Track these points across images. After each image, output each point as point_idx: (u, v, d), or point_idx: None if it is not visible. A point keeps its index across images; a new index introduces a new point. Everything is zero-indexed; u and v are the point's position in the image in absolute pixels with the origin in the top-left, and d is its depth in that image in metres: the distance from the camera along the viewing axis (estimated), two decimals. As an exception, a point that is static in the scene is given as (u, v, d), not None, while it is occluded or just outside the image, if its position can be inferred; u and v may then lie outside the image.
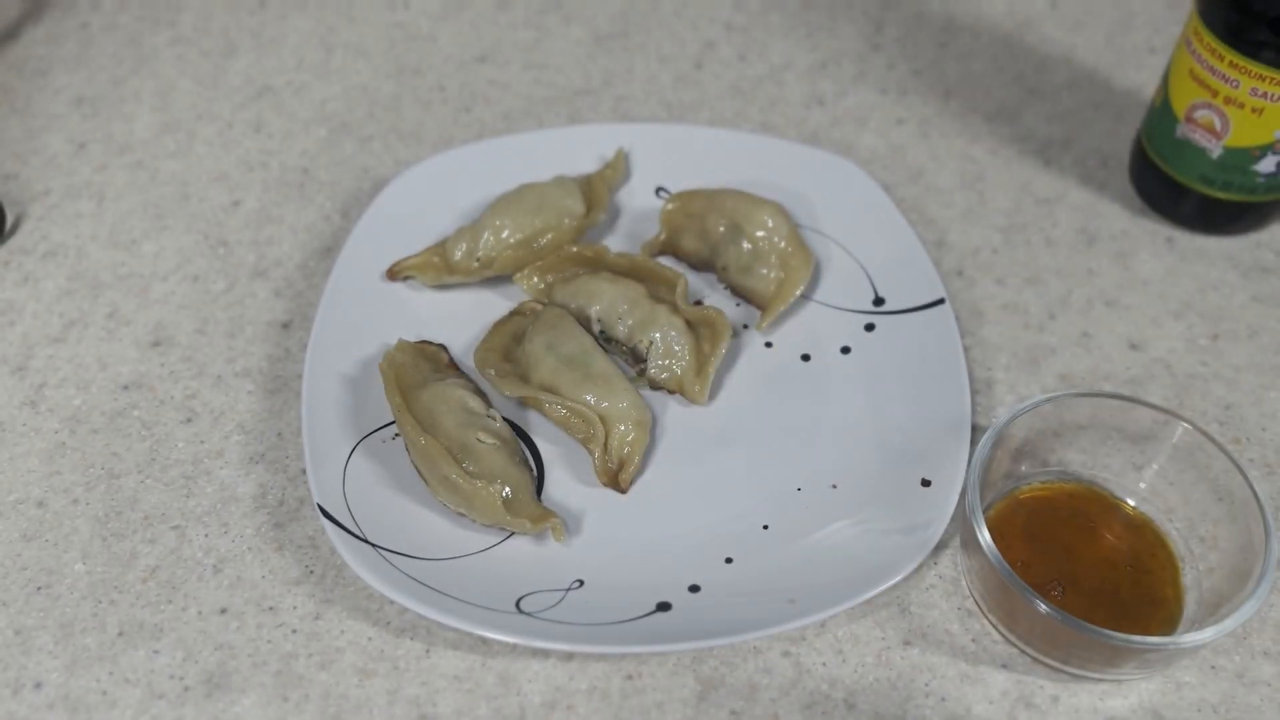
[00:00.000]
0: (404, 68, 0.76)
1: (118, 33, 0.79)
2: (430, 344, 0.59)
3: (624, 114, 0.73)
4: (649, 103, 0.73)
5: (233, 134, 0.72)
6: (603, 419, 0.55)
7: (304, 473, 0.55)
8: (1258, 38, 0.55)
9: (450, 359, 0.59)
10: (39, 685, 0.48)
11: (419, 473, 0.53)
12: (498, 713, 0.47)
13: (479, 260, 0.61)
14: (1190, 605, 0.49)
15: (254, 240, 0.66)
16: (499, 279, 0.62)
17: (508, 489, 0.51)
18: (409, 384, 0.55)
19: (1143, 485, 0.52)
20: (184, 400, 0.58)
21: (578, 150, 0.67)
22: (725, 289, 0.63)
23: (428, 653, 0.49)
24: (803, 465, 0.55)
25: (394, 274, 0.62)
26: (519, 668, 0.49)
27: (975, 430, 0.55)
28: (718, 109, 0.73)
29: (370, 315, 0.60)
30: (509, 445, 0.54)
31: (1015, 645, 0.49)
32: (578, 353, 0.56)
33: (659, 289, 0.60)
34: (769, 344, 0.60)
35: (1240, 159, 0.60)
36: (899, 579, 0.49)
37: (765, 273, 0.61)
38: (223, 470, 0.55)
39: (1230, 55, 0.57)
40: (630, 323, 0.58)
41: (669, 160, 0.67)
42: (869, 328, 0.60)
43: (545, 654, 0.49)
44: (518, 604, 0.49)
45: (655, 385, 0.58)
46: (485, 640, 0.49)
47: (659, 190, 0.67)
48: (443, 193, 0.65)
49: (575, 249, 0.62)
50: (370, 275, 0.62)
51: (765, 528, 0.52)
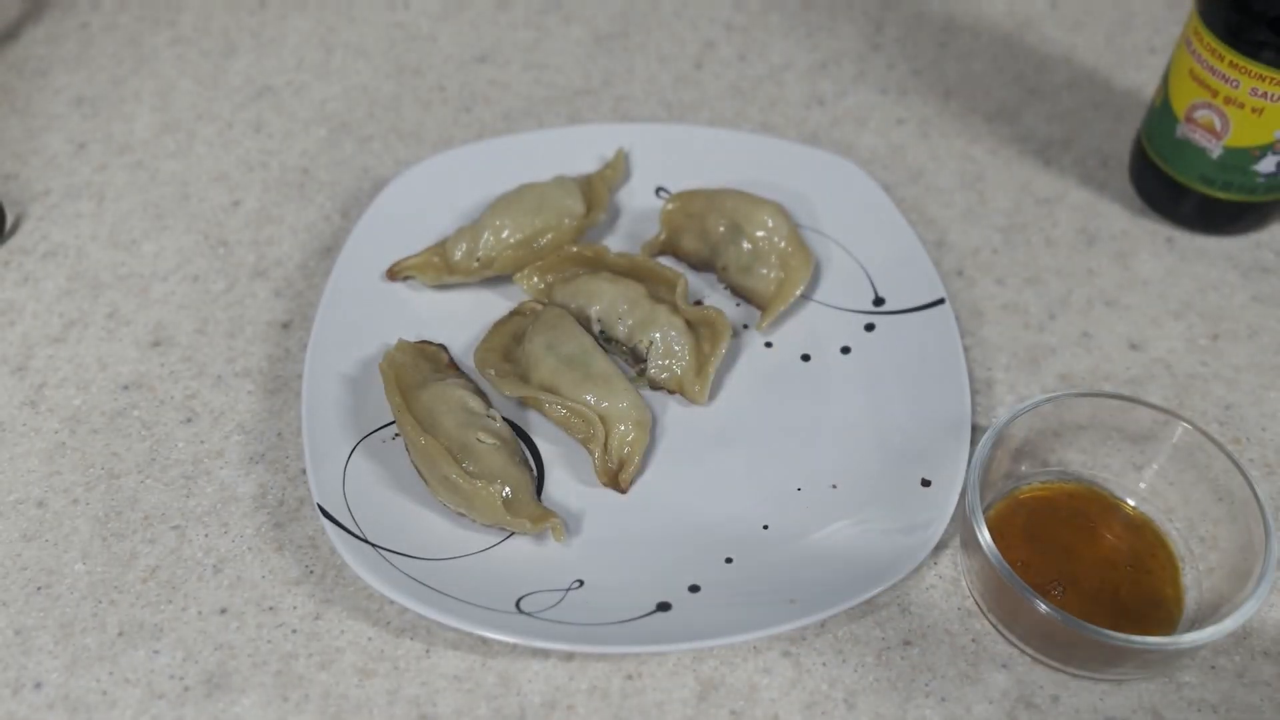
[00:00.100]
0: (404, 68, 0.76)
1: (118, 33, 0.79)
2: (430, 344, 0.59)
3: (624, 114, 0.73)
4: (649, 103, 0.73)
5: (233, 134, 0.72)
6: (603, 419, 0.55)
7: (304, 473, 0.55)
8: (1258, 38, 0.55)
9: (450, 359, 0.59)
10: (39, 685, 0.48)
11: (419, 473, 0.53)
12: (498, 713, 0.47)
13: (479, 260, 0.61)
14: (1190, 605, 0.49)
15: (254, 240, 0.66)
16: (499, 279, 0.62)
17: (508, 489, 0.51)
18: (409, 384, 0.55)
19: (1143, 485, 0.52)
20: (184, 400, 0.58)
21: (578, 150, 0.67)
22: (725, 289, 0.63)
23: (428, 653, 0.49)
24: (803, 465, 0.55)
25: (394, 274, 0.62)
26: (519, 668, 0.49)
27: (975, 430, 0.55)
28: (718, 109, 0.73)
29: (370, 315, 0.60)
30: (509, 445, 0.54)
31: (1015, 645, 0.49)
32: (578, 353, 0.56)
33: (659, 289, 0.60)
34: (769, 344, 0.60)
35: (1240, 159, 0.60)
36: (899, 579, 0.49)
37: (765, 273, 0.61)
38: (223, 470, 0.55)
39: (1230, 55, 0.57)
40: (630, 323, 0.58)
41: (669, 160, 0.67)
42: (869, 328, 0.60)
43: (545, 654, 0.49)
44: (518, 604, 0.49)
45: (655, 385, 0.58)
46: (485, 640, 0.49)
47: (659, 190, 0.67)
48: (443, 193, 0.65)
49: (575, 249, 0.62)
50: (370, 275, 0.62)
51: (765, 528, 0.52)
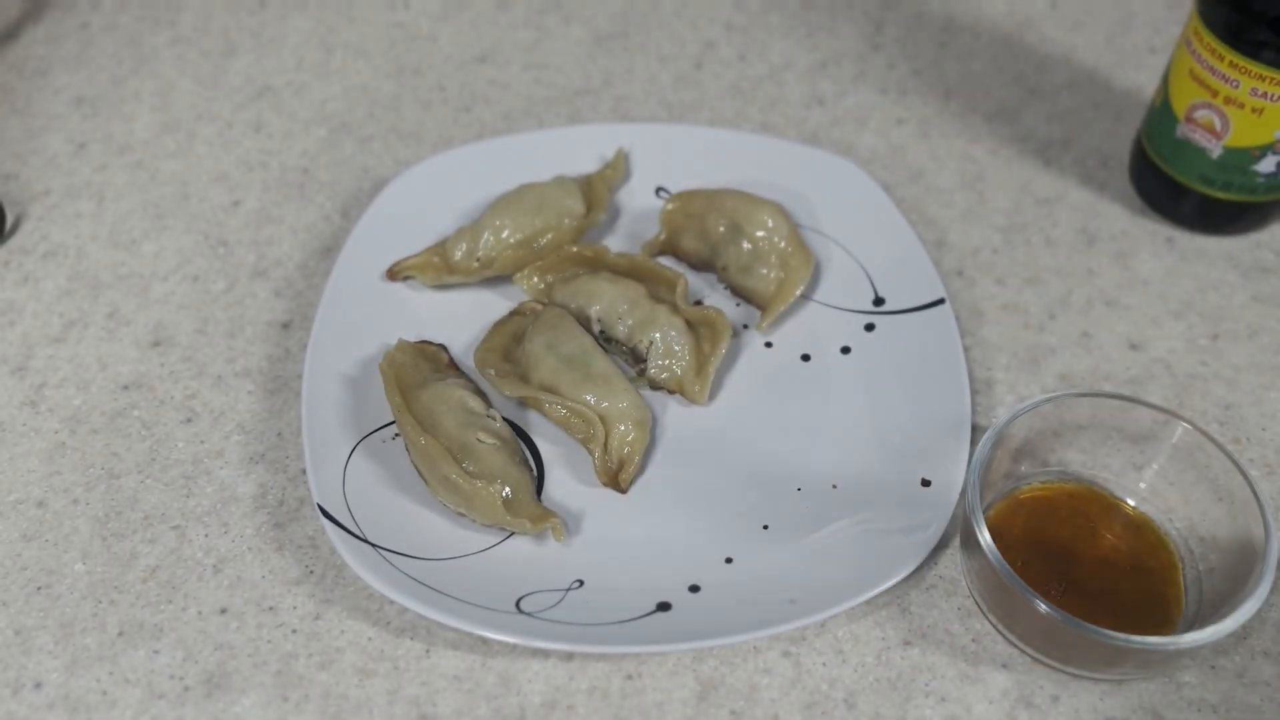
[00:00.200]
0: (404, 68, 0.76)
1: (118, 33, 0.79)
2: (430, 344, 0.59)
3: (624, 114, 0.73)
4: (649, 103, 0.73)
5: (233, 134, 0.72)
6: (603, 419, 0.55)
7: (304, 473, 0.55)
8: (1258, 38, 0.55)
9: (450, 359, 0.59)
10: (39, 685, 0.48)
11: (419, 473, 0.53)
12: (498, 713, 0.47)
13: (479, 260, 0.61)
14: (1190, 605, 0.49)
15: (254, 240, 0.66)
16: (499, 279, 0.62)
17: (508, 489, 0.51)
18: (409, 384, 0.55)
19: (1143, 485, 0.52)
20: (184, 400, 0.58)
21: (578, 150, 0.67)
22: (725, 289, 0.63)
23: (428, 653, 0.49)
24: (803, 465, 0.55)
25: (394, 274, 0.62)
26: (519, 668, 0.49)
27: (975, 430, 0.55)
28: (718, 109, 0.73)
29: (370, 315, 0.60)
30: (509, 445, 0.54)
31: (1015, 645, 0.49)
32: (578, 353, 0.56)
33: (659, 289, 0.60)
34: (769, 344, 0.60)
35: (1240, 159, 0.60)
36: (899, 579, 0.49)
37: (765, 273, 0.61)
38: (223, 470, 0.55)
39: (1230, 55, 0.57)
40: (630, 323, 0.58)
41: (669, 160, 0.67)
42: (869, 328, 0.60)
43: (545, 654, 0.49)
44: (518, 604, 0.49)
45: (655, 385, 0.58)
46: (485, 640, 0.49)
47: (659, 190, 0.67)
48: (443, 193, 0.65)
49: (575, 249, 0.61)
50: (370, 275, 0.62)
51: (765, 528, 0.52)
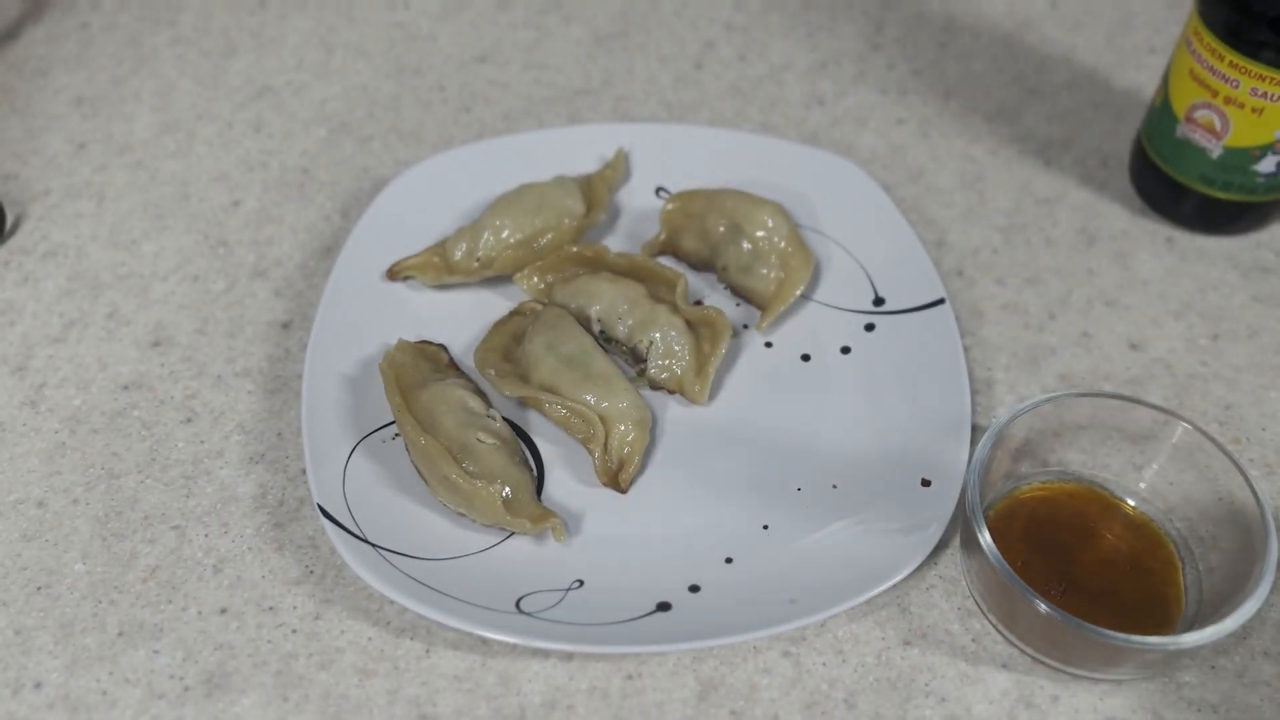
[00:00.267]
0: (404, 68, 0.76)
1: (118, 33, 0.79)
2: (430, 344, 0.59)
3: (624, 114, 0.73)
4: (649, 103, 0.73)
5: (233, 134, 0.72)
6: (603, 419, 0.55)
7: (304, 473, 0.55)
8: (1258, 38, 0.55)
9: (450, 359, 0.59)
10: (39, 685, 0.48)
11: (419, 473, 0.53)
12: (498, 713, 0.47)
13: (479, 260, 0.61)
14: (1190, 605, 0.49)
15: (254, 240, 0.66)
16: (499, 279, 0.62)
17: (508, 489, 0.51)
18: (409, 384, 0.55)
19: (1143, 485, 0.52)
20: (184, 400, 0.58)
21: (578, 150, 0.67)
22: (725, 289, 0.63)
23: (428, 653, 0.49)
24: (803, 465, 0.55)
25: (394, 274, 0.62)
26: (519, 668, 0.49)
27: (975, 430, 0.55)
28: (718, 109, 0.73)
29: (370, 315, 0.60)
30: (509, 445, 0.54)
31: (1015, 645, 0.49)
32: (578, 353, 0.56)
33: (659, 289, 0.60)
34: (769, 344, 0.60)
35: (1240, 159, 0.60)
36: (899, 579, 0.49)
37: (765, 273, 0.61)
38: (223, 470, 0.55)
39: (1230, 55, 0.57)
40: (630, 323, 0.58)
41: (669, 160, 0.67)
42: (869, 328, 0.60)
43: (545, 654, 0.49)
44: (518, 604, 0.49)
45: (655, 385, 0.58)
46: (485, 640, 0.49)
47: (659, 190, 0.67)
48: (443, 193, 0.65)
49: (575, 249, 0.61)
50: (370, 275, 0.62)
51: (765, 528, 0.52)
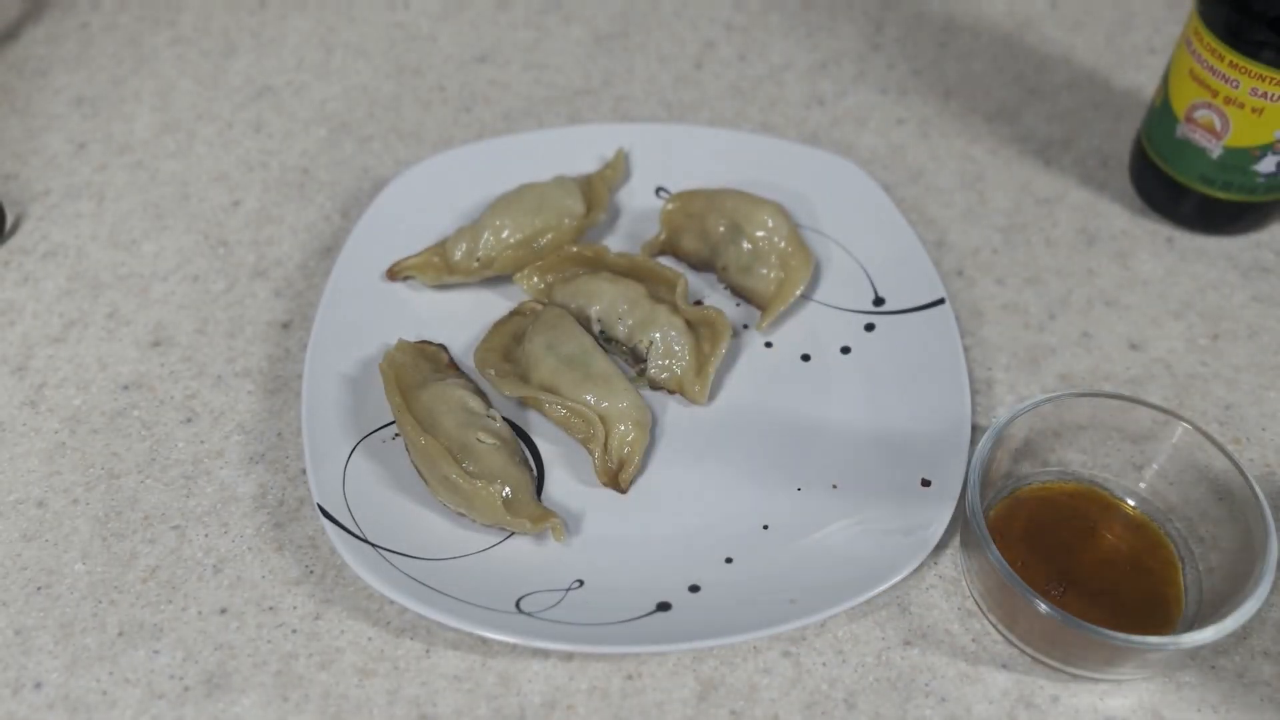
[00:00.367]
0: (404, 68, 0.76)
1: (118, 33, 0.79)
2: (430, 344, 0.59)
3: (624, 114, 0.73)
4: (649, 103, 0.73)
5: (233, 134, 0.72)
6: (603, 419, 0.55)
7: (304, 473, 0.55)
8: (1258, 38, 0.55)
9: (450, 359, 0.59)
10: (39, 685, 0.48)
11: (419, 473, 0.53)
12: (498, 713, 0.47)
13: (479, 260, 0.61)
14: (1190, 605, 0.49)
15: (254, 240, 0.66)
16: (499, 279, 0.62)
17: (508, 489, 0.51)
18: (409, 384, 0.55)
19: (1143, 485, 0.52)
20: (184, 400, 0.58)
21: (578, 150, 0.67)
22: (725, 289, 0.63)
23: (428, 653, 0.49)
24: (803, 465, 0.55)
25: (394, 274, 0.62)
26: (519, 668, 0.49)
27: (975, 430, 0.55)
28: (718, 109, 0.73)
29: (370, 315, 0.60)
30: (509, 445, 0.54)
31: (1015, 645, 0.49)
32: (578, 353, 0.56)
33: (659, 289, 0.60)
34: (769, 344, 0.60)
35: (1240, 159, 0.60)
36: (899, 579, 0.49)
37: (765, 273, 0.61)
38: (223, 470, 0.55)
39: (1230, 55, 0.57)
40: (630, 323, 0.58)
41: (669, 160, 0.67)
42: (869, 328, 0.60)
43: (545, 654, 0.49)
44: (518, 604, 0.49)
45: (655, 385, 0.58)
46: (485, 640, 0.49)
47: (659, 190, 0.67)
48: (443, 193, 0.65)
49: (575, 249, 0.62)
50: (370, 275, 0.62)
51: (765, 528, 0.52)
